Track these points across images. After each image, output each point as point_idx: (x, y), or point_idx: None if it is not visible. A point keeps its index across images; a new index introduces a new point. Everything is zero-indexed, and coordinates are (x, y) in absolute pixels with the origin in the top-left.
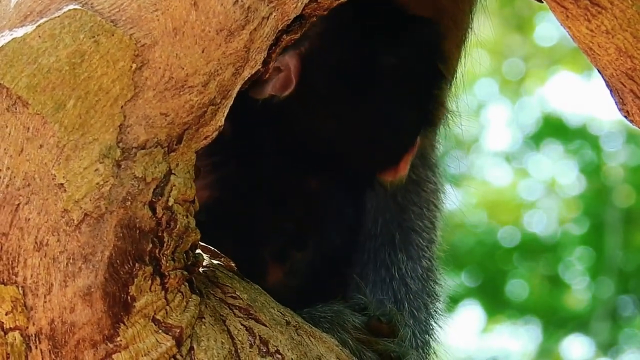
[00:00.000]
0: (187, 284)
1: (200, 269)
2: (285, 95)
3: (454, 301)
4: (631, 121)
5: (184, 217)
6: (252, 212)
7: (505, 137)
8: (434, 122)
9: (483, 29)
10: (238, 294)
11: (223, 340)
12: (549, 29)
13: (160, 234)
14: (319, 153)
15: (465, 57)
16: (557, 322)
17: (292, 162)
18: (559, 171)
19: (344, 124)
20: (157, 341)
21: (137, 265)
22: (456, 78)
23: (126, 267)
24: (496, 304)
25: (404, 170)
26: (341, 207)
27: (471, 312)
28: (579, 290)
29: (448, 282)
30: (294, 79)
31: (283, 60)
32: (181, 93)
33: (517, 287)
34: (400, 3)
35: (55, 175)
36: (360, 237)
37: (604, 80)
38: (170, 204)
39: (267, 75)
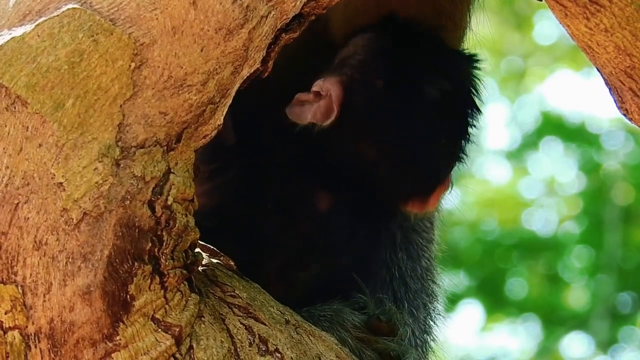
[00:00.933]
0: (186, 282)
1: (200, 268)
2: (327, 124)
3: (453, 300)
4: (630, 119)
5: (183, 216)
6: (255, 224)
7: (505, 135)
8: (464, 158)
9: (482, 27)
10: (237, 292)
11: (222, 339)
12: (548, 27)
13: (159, 233)
14: (347, 176)
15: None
16: (557, 320)
17: (305, 178)
18: (558, 169)
19: (380, 151)
20: (157, 340)
21: (136, 264)
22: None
23: (125, 266)
24: (495, 302)
25: (433, 206)
26: (352, 233)
27: (470, 311)
28: (579, 288)
29: (447, 281)
30: (336, 108)
31: (323, 85)
32: (180, 92)
33: (517, 286)
34: (413, 14)
35: (54, 174)
36: (372, 265)
37: (603, 78)
38: (169, 202)
39: (304, 98)
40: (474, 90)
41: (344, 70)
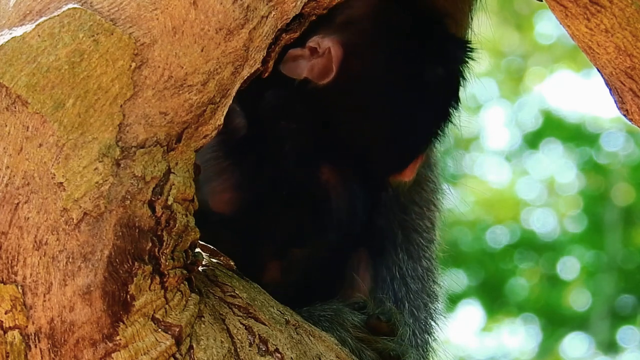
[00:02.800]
0: (186, 282)
1: (200, 268)
2: (322, 83)
3: (453, 300)
4: (630, 120)
5: (184, 216)
6: (260, 208)
7: (505, 135)
8: (441, 138)
9: (483, 27)
10: (237, 292)
11: (222, 339)
12: (548, 28)
13: (159, 233)
14: (336, 142)
15: None
16: (557, 321)
17: (305, 155)
18: (558, 170)
19: (365, 119)
20: (157, 340)
21: (136, 264)
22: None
23: (125, 266)
24: (496, 302)
25: (409, 176)
26: (350, 207)
27: (471, 311)
28: (579, 288)
29: (449, 280)
30: (335, 68)
31: (322, 43)
32: (180, 92)
33: (517, 286)
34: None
35: (54, 174)
36: (366, 236)
37: (603, 78)
38: (169, 202)
39: (299, 53)
40: (462, 78)
41: (347, 33)
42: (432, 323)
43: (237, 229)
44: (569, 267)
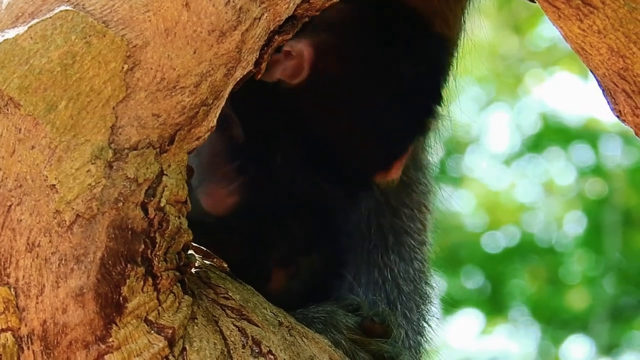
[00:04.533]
0: (179, 284)
1: (193, 270)
2: (295, 83)
3: (454, 303)
4: (623, 121)
5: (176, 218)
6: (265, 215)
7: (504, 139)
8: (427, 132)
9: (479, 31)
10: (230, 294)
11: (215, 341)
12: (547, 30)
13: (152, 235)
14: (319, 149)
15: (457, 59)
16: (557, 324)
17: (302, 164)
18: (557, 173)
19: (345, 120)
20: (150, 342)
21: (129, 266)
22: (449, 80)
23: (118, 268)
24: (496, 305)
25: (395, 175)
26: (345, 210)
27: (470, 314)
28: (579, 291)
29: (445, 283)
30: (306, 68)
31: (295, 46)
32: (173, 94)
33: (517, 289)
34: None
35: (47, 177)
36: (353, 239)
37: (596, 80)
38: (162, 204)
39: (274, 58)
40: (440, 72)
41: (321, 35)
42: (425, 325)
43: (243, 235)
44: (569, 269)
